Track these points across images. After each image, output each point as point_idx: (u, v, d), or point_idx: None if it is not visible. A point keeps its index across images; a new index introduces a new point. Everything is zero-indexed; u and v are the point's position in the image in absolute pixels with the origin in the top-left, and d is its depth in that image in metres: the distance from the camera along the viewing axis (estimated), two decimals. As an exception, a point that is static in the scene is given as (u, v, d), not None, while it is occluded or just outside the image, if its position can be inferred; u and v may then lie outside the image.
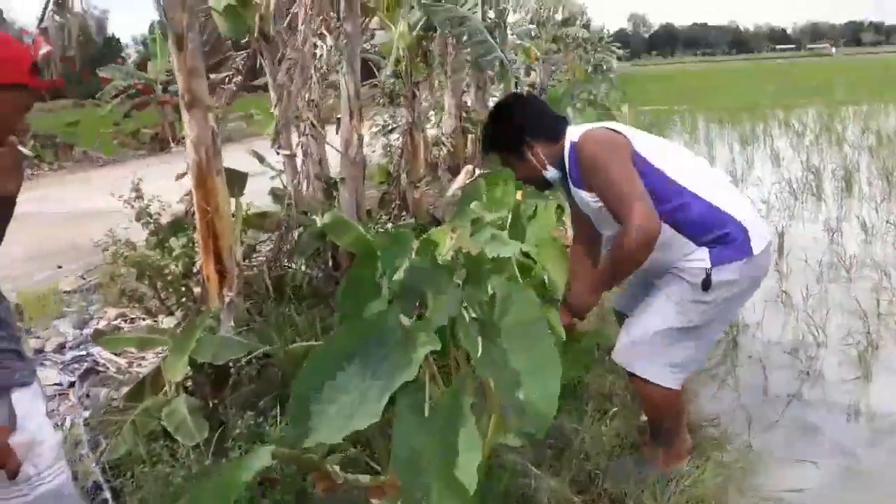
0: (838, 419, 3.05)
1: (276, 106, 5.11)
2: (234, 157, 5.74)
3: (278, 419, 2.90)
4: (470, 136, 9.97)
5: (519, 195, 4.29)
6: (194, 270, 3.95)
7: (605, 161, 2.15)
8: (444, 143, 9.37)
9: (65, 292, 4.90)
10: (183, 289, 4.00)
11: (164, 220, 4.10)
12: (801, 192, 7.45)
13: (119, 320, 4.00)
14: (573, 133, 2.31)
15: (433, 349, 1.74)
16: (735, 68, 58.24)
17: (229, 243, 3.80)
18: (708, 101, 19.91)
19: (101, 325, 3.98)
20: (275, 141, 5.16)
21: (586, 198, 2.27)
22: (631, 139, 2.23)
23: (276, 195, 4.93)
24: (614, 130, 2.27)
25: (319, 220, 4.68)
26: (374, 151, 10.51)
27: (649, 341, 2.24)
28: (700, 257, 2.17)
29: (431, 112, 11.57)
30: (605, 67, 28.12)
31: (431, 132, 10.61)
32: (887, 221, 5.93)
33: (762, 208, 6.88)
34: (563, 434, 2.53)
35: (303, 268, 4.74)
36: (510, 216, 3.68)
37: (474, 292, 2.24)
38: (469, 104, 10.95)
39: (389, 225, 6.32)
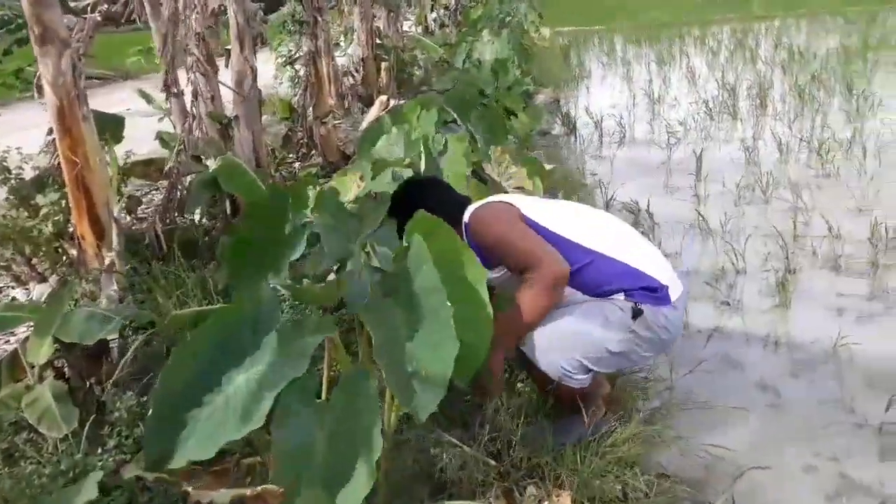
0: (760, 352, 2.97)
1: (161, 44, 4.60)
2: (131, 97, 5.24)
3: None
4: (383, 63, 9.49)
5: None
6: (69, 230, 3.54)
7: (497, 230, 2.10)
8: (352, 73, 8.88)
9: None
10: (57, 251, 3.59)
11: (30, 174, 3.65)
12: (717, 113, 7.38)
13: (-15, 291, 3.58)
14: (467, 213, 2.24)
15: (327, 335, 1.48)
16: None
17: (104, 198, 3.41)
18: (628, 19, 19.69)
19: (-37, 297, 3.55)
20: (166, 85, 4.66)
21: (490, 276, 2.17)
22: (520, 207, 2.18)
23: (163, 140, 4.47)
24: (501, 202, 2.24)
25: (213, 166, 4.29)
26: (280, 83, 9.94)
27: (566, 342, 2.07)
28: (622, 300, 2.09)
29: (341, 39, 10.98)
30: (522, -13, 27.43)
31: (342, 60, 10.07)
32: (801, 139, 5.90)
33: (679, 130, 6.78)
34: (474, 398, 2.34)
35: (197, 219, 4.36)
36: (422, 151, 3.39)
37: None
38: (381, 29, 10.43)
39: (297, 165, 5.95)
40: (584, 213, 2.32)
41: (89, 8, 3.67)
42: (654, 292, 2.08)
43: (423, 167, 3.20)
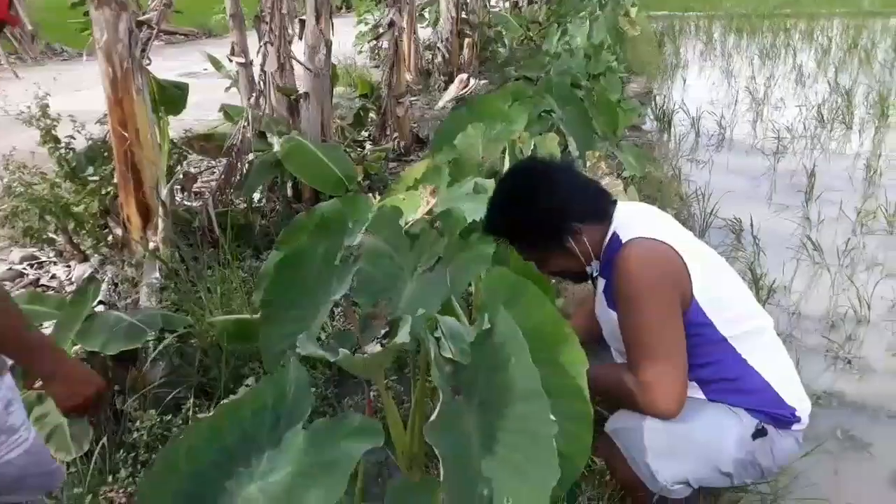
0: (892, 434, 2.46)
1: (231, 7, 4.31)
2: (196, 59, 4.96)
3: (192, 413, 2.32)
4: (466, 39, 9.03)
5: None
6: (116, 208, 3.28)
7: (646, 301, 1.58)
8: (439, 48, 8.44)
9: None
10: (102, 229, 3.34)
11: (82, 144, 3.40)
12: (829, 120, 6.68)
13: (25, 265, 3.35)
14: (621, 223, 1.71)
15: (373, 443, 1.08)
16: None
17: (154, 178, 3.14)
18: (724, 5, 18.57)
19: (2, 270, 3.32)
20: (233, 52, 4.37)
21: (610, 314, 1.73)
22: (691, 272, 1.62)
23: (227, 113, 4.18)
24: (674, 250, 1.63)
25: (277, 144, 3.98)
26: (359, 52, 9.61)
27: (675, 450, 1.62)
28: (743, 412, 1.66)
29: (425, 11, 10.56)
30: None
31: (425, 33, 9.67)
32: (933, 161, 5.22)
33: (787, 137, 6.14)
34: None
35: (256, 201, 4.07)
36: (506, 155, 2.97)
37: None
38: (468, 3, 9.95)
39: (368, 146, 5.61)
40: (738, 293, 1.79)
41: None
42: (783, 416, 1.66)
43: (502, 170, 2.78)
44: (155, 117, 3.55)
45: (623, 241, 1.64)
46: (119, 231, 3.23)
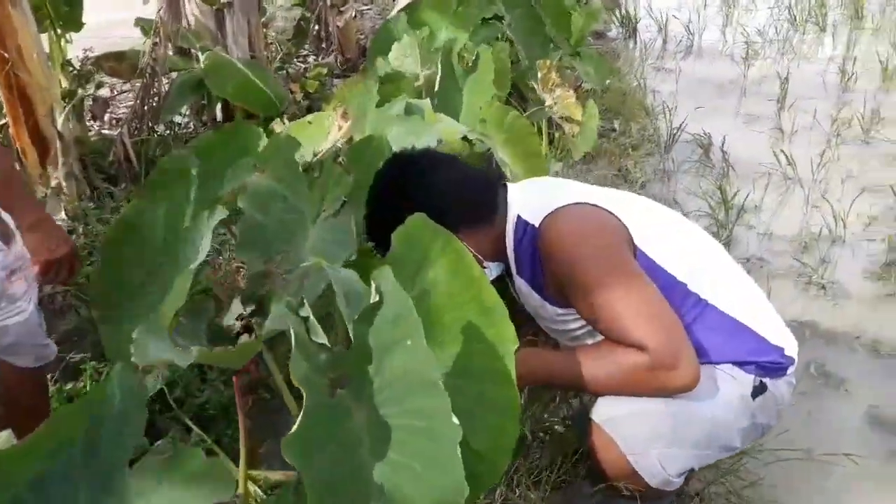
0: (868, 366, 2.25)
1: None
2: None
3: (89, 379, 2.04)
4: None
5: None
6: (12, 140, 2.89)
7: (608, 266, 1.35)
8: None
9: None
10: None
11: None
12: (802, 21, 6.33)
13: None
14: (524, 205, 1.48)
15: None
16: None
17: (48, 104, 2.74)
18: None
19: None
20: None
21: (549, 311, 1.48)
22: (624, 220, 1.42)
23: (144, 28, 3.72)
24: (597, 206, 1.44)
25: (200, 62, 3.57)
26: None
27: (678, 434, 1.37)
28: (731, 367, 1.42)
29: None
30: None
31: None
32: (910, 63, 4.93)
33: (757, 42, 5.80)
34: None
35: (182, 125, 3.69)
36: (438, 69, 2.61)
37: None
38: None
39: (311, 60, 5.18)
40: (690, 235, 1.57)
41: None
42: (773, 362, 1.43)
43: (436, 87, 2.43)
44: (53, 34, 3.14)
45: (538, 224, 1.42)
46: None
